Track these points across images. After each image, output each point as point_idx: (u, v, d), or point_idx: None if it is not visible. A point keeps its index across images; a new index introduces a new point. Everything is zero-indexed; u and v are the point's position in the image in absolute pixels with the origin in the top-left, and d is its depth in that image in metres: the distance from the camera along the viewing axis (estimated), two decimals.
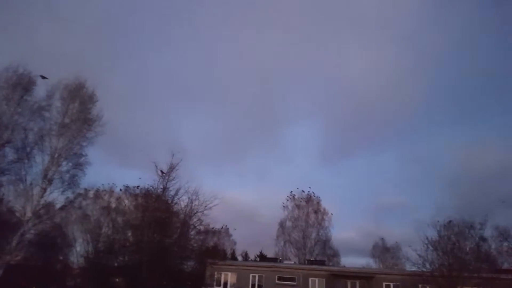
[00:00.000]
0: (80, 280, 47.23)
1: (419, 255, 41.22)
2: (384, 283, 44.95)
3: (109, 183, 54.07)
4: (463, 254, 40.59)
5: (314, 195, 66.00)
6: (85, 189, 45.63)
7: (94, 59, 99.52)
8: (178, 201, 39.14)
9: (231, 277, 47.36)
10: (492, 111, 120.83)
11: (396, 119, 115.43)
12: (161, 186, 38.39)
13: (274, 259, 57.55)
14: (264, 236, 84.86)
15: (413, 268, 42.55)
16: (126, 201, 50.81)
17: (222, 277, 47.16)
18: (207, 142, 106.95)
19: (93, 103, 34.74)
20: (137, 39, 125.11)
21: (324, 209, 65.65)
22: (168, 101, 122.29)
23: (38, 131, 32.00)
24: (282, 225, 65.26)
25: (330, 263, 59.93)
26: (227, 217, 71.64)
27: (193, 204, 38.61)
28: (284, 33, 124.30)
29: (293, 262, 56.61)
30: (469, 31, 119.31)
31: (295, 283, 45.97)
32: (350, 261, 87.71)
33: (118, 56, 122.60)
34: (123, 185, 52.30)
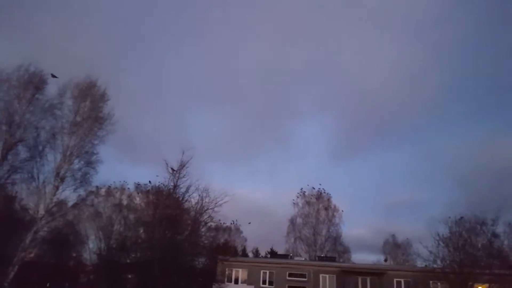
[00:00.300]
0: (93, 277, 47.75)
1: (430, 252, 41.18)
2: (395, 280, 44.72)
3: (121, 181, 54.68)
4: (475, 251, 40.34)
5: (325, 192, 65.78)
6: (97, 187, 46.21)
7: (107, 58, 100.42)
8: (189, 199, 39.37)
9: (242, 274, 47.54)
10: (505, 107, 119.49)
11: (408, 115, 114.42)
12: (172, 184, 38.65)
13: (285, 256, 57.59)
14: (275, 233, 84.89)
15: (424, 264, 42.43)
16: (138, 199, 51.40)
17: (233, 274, 47.34)
18: (218, 141, 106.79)
19: (105, 102, 34.96)
20: (151, 39, 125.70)
21: (335, 206, 65.40)
22: (180, 100, 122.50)
23: (50, 130, 32.39)
24: (293, 222, 65.17)
25: (341, 260, 59.79)
26: (238, 215, 71.55)
27: (204, 201, 38.83)
28: (295, 30, 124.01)
29: (304, 259, 56.62)
30: (480, 27, 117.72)
31: (306, 280, 46.00)
32: (361, 258, 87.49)
33: (131, 56, 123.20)
34: (135, 183, 52.88)
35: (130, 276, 45.14)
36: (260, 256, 65.45)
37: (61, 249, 42.45)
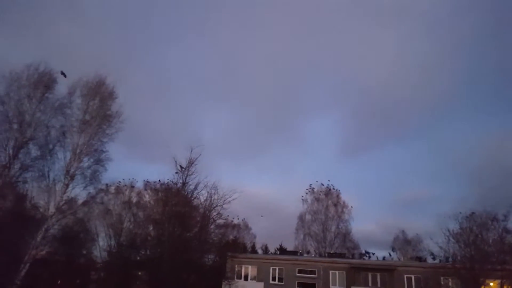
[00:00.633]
0: (104, 274, 48.06)
1: (441, 247, 40.91)
2: (406, 276, 44.49)
3: (130, 178, 54.99)
4: (486, 246, 40.01)
5: (334, 188, 65.64)
6: (107, 185, 46.56)
7: (116, 57, 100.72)
8: (198, 196, 39.52)
9: (252, 270, 47.53)
10: None
11: (418, 111, 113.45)
12: (181, 181, 38.79)
13: (294, 252, 57.56)
14: (284, 230, 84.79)
15: (435, 260, 42.16)
16: (147, 196, 51.68)
17: (243, 270, 47.37)
18: (228, 137, 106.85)
19: (113, 100, 35.17)
20: (159, 37, 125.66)
21: (344, 202, 65.20)
22: (189, 98, 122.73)
23: (60, 128, 32.63)
24: (302, 218, 65.07)
25: (350, 256, 59.66)
26: (248, 211, 71.63)
27: (212, 199, 38.95)
28: (306, 26, 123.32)
29: (313, 255, 56.54)
30: (490, 20, 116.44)
31: (316, 276, 45.92)
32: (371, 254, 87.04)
33: (140, 53, 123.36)
34: (144, 180, 53.14)
35: (140, 273, 45.42)
36: (270, 253, 65.47)
37: (72, 247, 42.66)
